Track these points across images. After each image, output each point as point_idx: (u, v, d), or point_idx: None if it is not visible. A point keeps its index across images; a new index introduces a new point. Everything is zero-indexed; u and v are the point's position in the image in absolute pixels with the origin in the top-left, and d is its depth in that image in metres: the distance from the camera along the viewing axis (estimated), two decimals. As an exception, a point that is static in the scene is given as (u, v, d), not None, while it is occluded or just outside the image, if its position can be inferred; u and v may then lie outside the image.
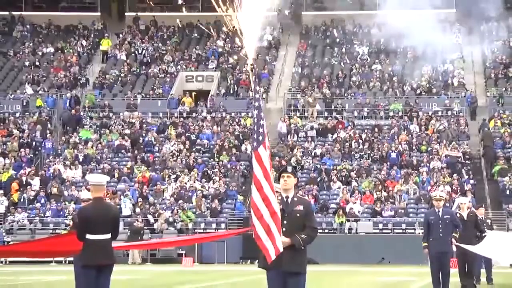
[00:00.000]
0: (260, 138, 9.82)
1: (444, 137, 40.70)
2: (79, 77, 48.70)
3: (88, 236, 12.40)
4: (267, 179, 9.67)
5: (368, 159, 40.15)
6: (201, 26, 50.04)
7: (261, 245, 9.54)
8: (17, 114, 45.23)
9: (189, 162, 40.49)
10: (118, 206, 36.47)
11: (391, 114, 43.66)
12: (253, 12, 10.73)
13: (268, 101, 44.42)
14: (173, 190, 38.38)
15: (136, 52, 50.79)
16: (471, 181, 37.46)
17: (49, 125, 44.28)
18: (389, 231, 35.41)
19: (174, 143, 42.08)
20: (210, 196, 37.83)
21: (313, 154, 40.88)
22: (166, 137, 42.83)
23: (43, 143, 42.62)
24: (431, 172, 38.41)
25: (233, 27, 11.70)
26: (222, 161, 40.46)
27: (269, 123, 36.15)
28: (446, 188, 34.57)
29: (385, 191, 37.50)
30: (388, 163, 39.50)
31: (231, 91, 46.45)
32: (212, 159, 40.90)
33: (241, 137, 41.61)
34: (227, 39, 49.54)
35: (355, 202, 36.78)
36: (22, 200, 38.49)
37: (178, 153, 41.29)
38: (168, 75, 48.20)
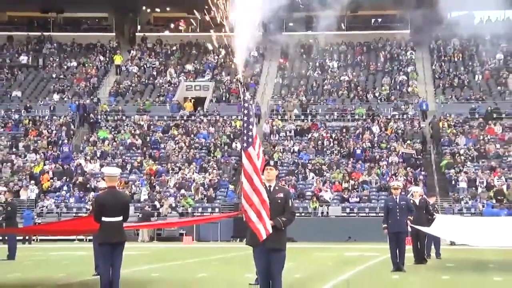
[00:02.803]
0: (250, 140, 9.85)
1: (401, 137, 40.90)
2: (97, 87, 48.71)
3: (104, 219, 12.36)
4: (257, 175, 9.77)
5: (338, 154, 40.15)
6: (199, 43, 50.01)
7: (253, 227, 9.64)
8: (46, 117, 45.08)
9: (189, 157, 40.46)
10: (135, 194, 36.56)
11: (356, 117, 43.66)
12: (242, 33, 10.70)
13: (254, 106, 44.43)
14: (176, 181, 38.36)
15: (145, 65, 50.72)
16: (423, 173, 37.51)
17: (72, 126, 44.16)
18: (355, 214, 35.40)
19: (177, 141, 42.06)
20: (206, 186, 37.81)
21: (291, 150, 40.87)
22: (170, 136, 42.78)
23: (67, 145, 42.53)
24: (390, 166, 38.46)
25: (225, 45, 11.66)
26: (216, 157, 40.44)
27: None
28: (402, 179, 34.59)
29: (351, 181, 37.56)
30: (354, 158, 39.53)
31: (224, 98, 46.43)
32: (208, 155, 40.88)
33: (232, 137, 41.59)
34: (220, 55, 49.51)
35: (327, 190, 36.79)
36: (50, 188, 38.46)
37: (179, 150, 41.26)
38: (171, 85, 48.14)
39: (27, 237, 32.11)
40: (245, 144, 9.89)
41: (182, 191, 37.31)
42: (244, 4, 11.04)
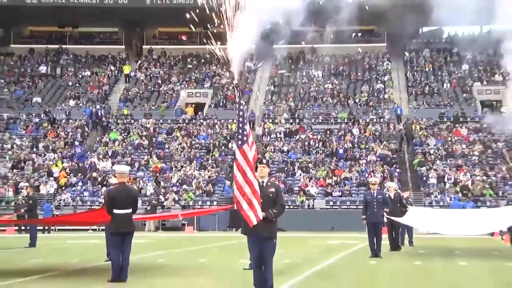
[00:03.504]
0: (244, 138, 9.96)
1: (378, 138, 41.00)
2: (108, 94, 48.68)
3: (115, 211, 12.39)
4: (250, 169, 9.82)
5: (322, 154, 40.16)
6: (199, 55, 50.02)
7: (244, 214, 9.69)
8: (63, 121, 45.01)
9: (190, 156, 40.45)
10: (142, 189, 36.52)
11: (339, 121, 43.67)
12: (238, 46, 10.74)
13: (248, 111, 44.44)
14: (178, 177, 38.31)
15: (151, 75, 50.64)
16: (397, 170, 37.56)
17: (86, 129, 44.11)
18: (337, 207, 35.38)
19: (179, 142, 42.03)
20: (205, 181, 37.81)
21: (281, 150, 40.87)
22: (173, 138, 42.74)
23: (81, 145, 42.54)
24: (368, 164, 38.51)
25: (223, 57, 11.70)
26: (215, 156, 40.43)
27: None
28: (379, 176, 34.60)
29: (334, 177, 37.59)
30: (337, 157, 39.56)
31: (221, 104, 46.39)
32: (207, 154, 40.86)
33: (228, 138, 41.55)
34: (218, 65, 49.51)
35: (312, 186, 36.80)
36: (67, 184, 38.41)
37: (182, 150, 41.24)
38: (174, 92, 48.10)
39: (46, 227, 32.10)
40: (239, 142, 10.01)
41: (184, 186, 37.30)
42: (241, 20, 11.10)
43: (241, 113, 10.26)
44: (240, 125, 10.17)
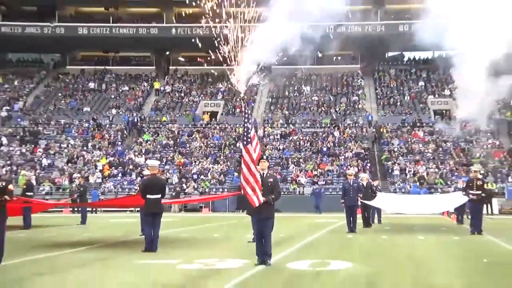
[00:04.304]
0: (249, 139, 10.06)
1: (354, 139, 40.97)
2: (142, 104, 48.68)
3: (147, 196, 12.38)
4: (254, 164, 9.96)
5: (310, 151, 40.18)
6: (214, 73, 50.11)
7: (249, 198, 9.83)
8: (107, 125, 45.01)
9: (206, 153, 40.45)
10: (169, 179, 36.51)
11: (323, 125, 43.66)
12: (244, 68, 10.75)
13: (251, 118, 44.42)
14: (197, 169, 38.33)
15: (175, 89, 50.65)
16: (369, 164, 37.57)
17: (125, 132, 44.12)
18: (322, 193, 35.41)
19: (198, 142, 42.02)
20: (218, 173, 37.80)
21: (278, 148, 40.87)
22: (193, 139, 42.76)
23: (121, 145, 42.59)
24: (346, 159, 38.50)
25: (233, 75, 11.71)
26: (225, 153, 40.45)
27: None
28: (354, 168, 34.60)
29: (319, 170, 37.58)
30: (321, 154, 39.57)
31: (230, 112, 46.39)
32: (219, 151, 40.86)
33: (236, 139, 41.57)
34: (229, 81, 49.47)
35: (302, 176, 36.82)
36: (110, 175, 38.44)
37: (200, 148, 41.24)
38: (194, 103, 48.10)
39: (94, 209, 32.16)
40: (245, 142, 10.08)
41: (202, 176, 37.34)
42: (249, 48, 11.12)
43: (246, 120, 10.34)
44: (246, 129, 10.23)
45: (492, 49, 17.76)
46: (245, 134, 10.16)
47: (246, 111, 10.88)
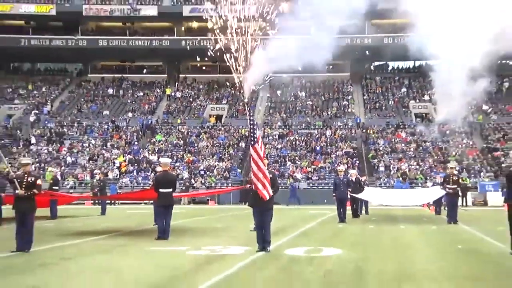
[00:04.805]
0: (255, 140, 10.11)
1: (344, 139, 40.95)
2: (155, 108, 48.68)
3: (160, 190, 12.37)
4: (261, 160, 9.96)
5: (305, 150, 40.15)
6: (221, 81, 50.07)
7: (260, 192, 9.82)
8: (124, 127, 45.00)
9: (212, 152, 40.41)
10: (179, 174, 36.48)
11: (316, 127, 43.63)
12: (248, 76, 10.75)
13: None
14: (204, 166, 38.30)
15: (185, 95, 50.63)
16: (357, 162, 37.54)
17: (140, 133, 44.12)
18: (315, 187, 35.43)
19: (205, 142, 42.02)
20: (223, 169, 37.78)
21: (276, 148, 40.84)
22: (200, 139, 42.73)
23: (137, 144, 42.60)
24: (337, 157, 38.46)
25: (238, 83, 11.72)
26: (229, 151, 40.42)
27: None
28: (344, 165, 34.57)
29: (313, 166, 37.57)
30: (315, 152, 39.52)
31: (234, 115, 46.36)
32: (224, 150, 40.85)
33: (239, 139, 41.57)
34: (233, 88, 49.46)
35: (298, 172, 36.80)
36: (126, 171, 38.43)
37: (207, 147, 41.21)
38: (201, 107, 48.08)
39: (112, 202, 32.17)
40: (252, 142, 10.06)
41: (208, 172, 37.30)
42: (254, 61, 11.14)
43: (251, 122, 10.32)
44: (251, 130, 10.22)
45: (469, 58, 17.73)
46: (252, 134, 10.15)
47: (251, 114, 10.90)
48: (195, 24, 46.78)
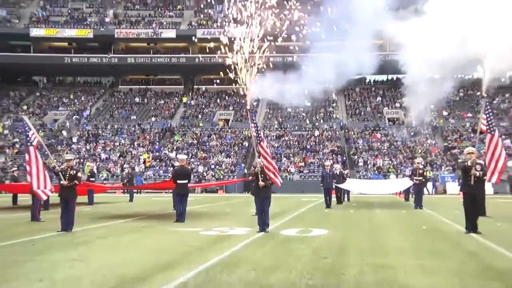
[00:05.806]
0: (260, 139, 10.22)
1: (329, 139, 40.90)
2: (174, 113, 48.62)
3: (177, 181, 12.39)
4: (269, 155, 10.14)
5: (297, 148, 40.10)
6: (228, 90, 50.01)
7: (273, 180, 9.98)
8: (148, 129, 44.81)
9: (221, 150, 40.39)
10: (193, 168, 36.44)
11: (307, 129, 43.59)
12: (251, 88, 10.74)
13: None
14: (214, 161, 38.30)
15: (199, 103, 50.60)
16: (340, 158, 37.50)
17: (161, 134, 44.09)
18: (306, 179, 35.42)
19: (215, 141, 41.99)
20: (230, 164, 37.77)
21: (274, 146, 40.80)
22: (211, 139, 42.71)
23: (158, 144, 42.56)
24: (324, 154, 38.43)
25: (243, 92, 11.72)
26: (235, 149, 40.39)
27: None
28: (330, 161, 34.54)
29: (304, 162, 37.54)
30: (306, 150, 39.48)
31: (239, 119, 46.32)
32: (231, 148, 40.83)
33: (243, 139, 41.55)
34: (237, 96, 49.41)
35: (292, 167, 36.79)
36: (150, 165, 38.41)
37: (216, 146, 41.20)
38: (212, 113, 48.05)
39: (139, 191, 32.20)
40: (259, 141, 10.14)
41: (218, 167, 37.27)
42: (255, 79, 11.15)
43: (254, 125, 10.36)
44: (256, 131, 10.28)
45: (431, 72, 17.71)
46: (257, 135, 10.21)
47: (254, 118, 10.91)
48: (207, 44, 46.84)
